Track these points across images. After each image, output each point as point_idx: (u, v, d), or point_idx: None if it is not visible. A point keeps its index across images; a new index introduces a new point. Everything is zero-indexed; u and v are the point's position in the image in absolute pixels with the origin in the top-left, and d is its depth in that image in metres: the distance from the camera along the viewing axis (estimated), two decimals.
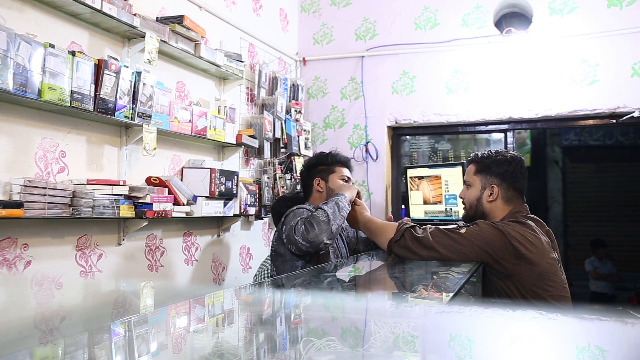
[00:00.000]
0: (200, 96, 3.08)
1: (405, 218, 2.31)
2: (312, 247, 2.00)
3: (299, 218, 2.09)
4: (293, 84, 3.93)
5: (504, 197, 2.10)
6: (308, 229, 2.00)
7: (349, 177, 2.48)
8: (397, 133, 4.19)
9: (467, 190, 2.18)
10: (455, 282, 1.55)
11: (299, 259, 2.15)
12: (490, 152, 2.15)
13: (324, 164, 2.45)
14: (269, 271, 2.45)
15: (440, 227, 2.01)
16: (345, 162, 2.50)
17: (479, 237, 1.91)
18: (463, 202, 2.21)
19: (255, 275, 2.92)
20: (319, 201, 2.36)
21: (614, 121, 3.60)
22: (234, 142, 3.13)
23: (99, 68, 2.18)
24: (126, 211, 2.31)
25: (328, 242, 2.02)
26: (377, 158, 4.04)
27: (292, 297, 0.94)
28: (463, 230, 1.95)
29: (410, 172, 3.74)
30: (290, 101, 3.84)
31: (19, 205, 1.87)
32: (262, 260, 3.71)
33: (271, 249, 2.31)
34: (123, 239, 2.48)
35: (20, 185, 1.92)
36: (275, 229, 2.40)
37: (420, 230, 2.00)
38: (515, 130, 3.89)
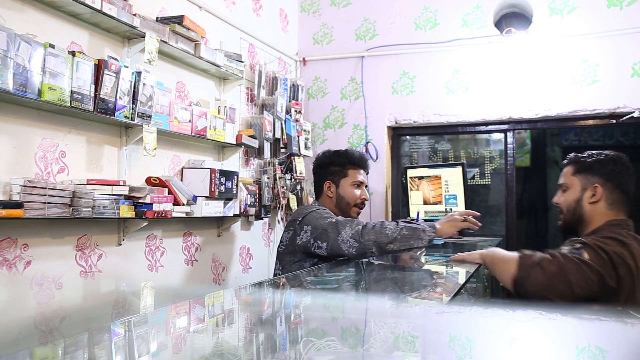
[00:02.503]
0: (200, 96, 3.08)
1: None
2: (357, 254, 1.91)
3: (347, 223, 1.97)
4: (293, 84, 3.93)
5: (608, 200, 1.84)
6: (362, 233, 1.90)
7: (361, 182, 2.38)
8: (397, 133, 4.19)
9: (562, 194, 1.95)
10: (455, 282, 1.55)
11: (309, 260, 2.11)
12: (591, 152, 1.93)
13: (337, 165, 2.34)
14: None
15: (565, 252, 1.71)
16: (360, 163, 2.38)
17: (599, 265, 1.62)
18: (559, 209, 1.98)
19: None
20: (329, 206, 2.32)
21: (614, 121, 3.60)
22: (234, 142, 3.13)
23: (99, 68, 2.18)
24: (126, 211, 2.31)
25: (373, 254, 1.93)
26: (377, 158, 4.04)
27: (292, 297, 0.94)
28: (586, 256, 1.66)
29: (410, 172, 3.74)
30: (290, 101, 3.84)
31: (19, 205, 1.87)
32: (262, 261, 3.71)
33: (281, 247, 2.25)
34: (123, 239, 2.48)
35: (20, 186, 1.92)
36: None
37: (548, 259, 1.68)
38: (515, 130, 3.89)
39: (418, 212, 3.44)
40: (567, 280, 1.59)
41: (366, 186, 2.50)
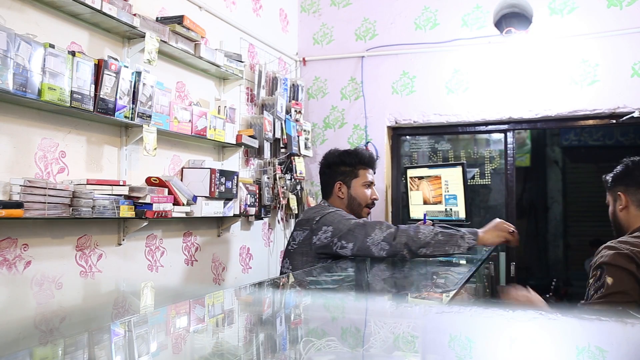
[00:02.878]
0: (200, 96, 3.08)
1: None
2: (387, 256, 1.93)
3: (376, 225, 1.97)
4: (293, 84, 3.93)
5: (635, 203, 1.93)
6: (395, 235, 1.91)
7: (372, 181, 2.36)
8: (397, 133, 4.19)
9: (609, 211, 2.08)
10: (455, 282, 1.55)
11: (322, 260, 2.10)
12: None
13: (347, 165, 2.31)
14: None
15: (596, 300, 1.72)
16: (370, 162, 2.36)
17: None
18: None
19: None
20: (339, 206, 2.30)
21: (614, 121, 3.60)
22: (234, 142, 3.13)
23: (99, 68, 2.18)
24: (126, 211, 2.31)
25: (405, 256, 1.93)
26: (377, 158, 4.04)
27: (292, 297, 0.94)
28: (609, 280, 1.71)
29: (410, 172, 3.74)
30: (290, 101, 3.84)
31: (19, 205, 1.87)
32: (262, 261, 3.71)
33: (292, 246, 2.22)
34: (123, 239, 2.48)
35: (20, 186, 1.92)
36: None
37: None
38: (515, 130, 3.89)
39: (425, 214, 3.43)
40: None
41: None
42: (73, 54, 2.07)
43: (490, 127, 3.93)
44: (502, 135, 3.95)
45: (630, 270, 1.69)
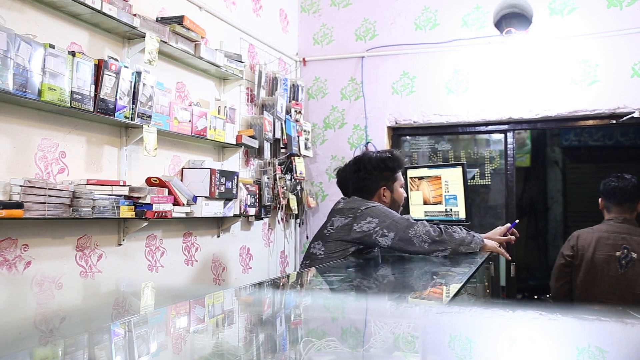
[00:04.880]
0: (200, 96, 3.08)
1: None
2: (427, 250, 2.10)
3: (416, 223, 2.15)
4: (293, 85, 3.93)
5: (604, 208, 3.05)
6: (441, 231, 2.10)
7: (403, 183, 2.49)
8: (397, 133, 4.18)
9: None
10: (455, 282, 1.55)
11: (354, 247, 2.23)
12: None
13: (390, 170, 2.39)
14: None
15: None
16: (403, 165, 2.47)
17: None
18: None
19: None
20: None
21: (614, 122, 3.60)
22: (234, 143, 3.13)
23: (99, 68, 2.18)
24: (126, 211, 2.31)
25: (440, 254, 2.13)
26: None
27: (292, 297, 0.94)
28: None
29: (410, 173, 3.74)
30: (290, 101, 3.84)
31: (19, 205, 1.87)
32: (262, 261, 3.71)
33: (329, 230, 2.27)
34: (123, 240, 2.48)
35: (20, 186, 1.92)
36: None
37: None
38: (515, 130, 3.89)
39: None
40: None
41: None
42: (73, 54, 2.07)
43: (490, 127, 3.93)
44: (502, 135, 3.95)
45: None
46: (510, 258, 2.40)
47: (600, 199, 3.10)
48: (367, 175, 2.38)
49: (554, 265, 3.15)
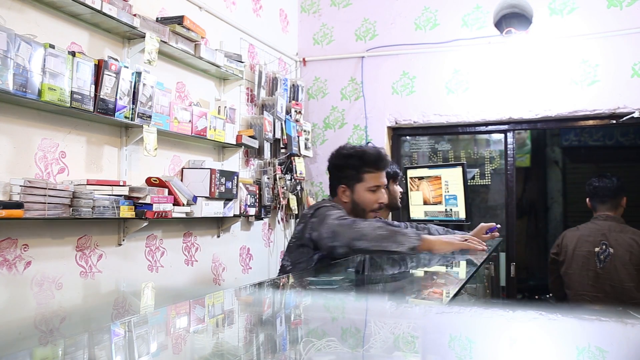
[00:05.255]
0: (200, 96, 3.08)
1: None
2: (332, 246, 1.85)
3: (335, 216, 1.89)
4: (293, 85, 3.93)
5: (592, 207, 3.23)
6: (341, 224, 1.82)
7: (379, 185, 2.13)
8: (397, 133, 4.19)
9: None
10: (455, 282, 1.55)
11: (317, 253, 2.03)
12: None
13: (352, 168, 2.11)
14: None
15: None
16: (378, 164, 2.12)
17: None
18: None
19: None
20: (347, 209, 2.13)
21: (614, 122, 3.60)
22: (234, 143, 3.13)
23: (99, 68, 2.18)
24: (126, 212, 2.31)
25: (340, 253, 1.85)
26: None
27: (292, 297, 0.94)
28: None
29: (411, 173, 3.74)
30: (290, 102, 3.84)
31: (19, 205, 1.87)
32: (262, 261, 3.71)
33: (292, 240, 2.14)
34: (123, 240, 2.48)
35: (21, 186, 1.92)
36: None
37: None
38: (515, 130, 3.89)
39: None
40: None
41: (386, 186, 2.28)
42: (73, 54, 2.07)
43: (490, 128, 3.93)
44: (502, 135, 3.95)
45: None
46: (484, 249, 2.00)
47: (587, 199, 3.26)
48: (332, 170, 2.19)
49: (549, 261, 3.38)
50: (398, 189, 2.76)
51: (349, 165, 2.12)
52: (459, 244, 1.87)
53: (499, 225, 2.61)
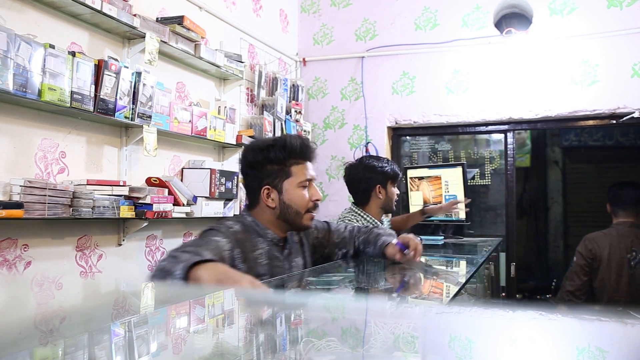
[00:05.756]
0: (200, 97, 3.08)
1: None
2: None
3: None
4: (293, 85, 3.93)
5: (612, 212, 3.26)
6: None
7: (310, 178, 1.70)
8: (397, 133, 4.19)
9: None
10: (455, 282, 1.55)
11: None
12: None
13: (275, 162, 1.63)
14: None
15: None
16: (304, 153, 1.68)
17: None
18: None
19: None
20: (269, 218, 1.65)
21: (614, 122, 3.60)
22: (234, 143, 3.13)
23: (99, 68, 2.18)
24: (126, 212, 2.31)
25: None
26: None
27: (291, 297, 0.94)
28: None
29: (411, 173, 3.74)
30: (290, 102, 3.84)
31: (19, 205, 1.87)
32: None
33: None
34: (123, 240, 2.48)
35: (21, 186, 1.92)
36: None
37: None
38: (515, 130, 3.89)
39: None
40: None
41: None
42: (73, 54, 2.07)
43: (490, 128, 3.93)
44: (502, 135, 3.95)
45: None
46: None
47: (608, 204, 3.30)
48: (248, 172, 1.68)
49: (574, 265, 3.26)
50: (395, 190, 2.62)
51: (270, 159, 1.64)
52: (236, 284, 1.20)
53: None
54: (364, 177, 2.53)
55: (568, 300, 3.25)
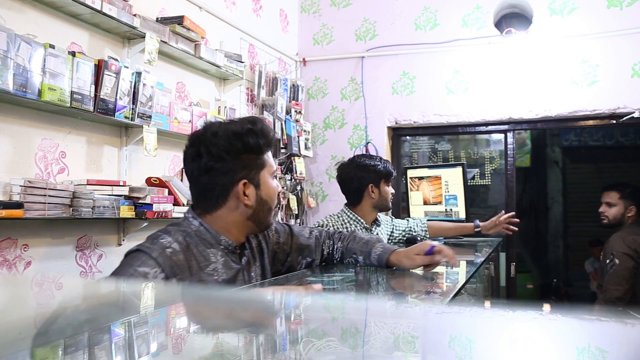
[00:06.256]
0: (200, 97, 3.08)
1: None
2: None
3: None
4: (293, 85, 3.93)
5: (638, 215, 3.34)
6: None
7: (277, 168, 1.51)
8: (397, 133, 4.19)
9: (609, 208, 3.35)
10: (455, 282, 1.55)
11: None
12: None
13: (253, 150, 1.36)
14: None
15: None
16: (273, 138, 1.43)
17: None
18: (605, 217, 3.36)
19: None
20: (237, 219, 1.38)
21: (614, 122, 3.60)
22: None
23: (99, 68, 2.18)
24: (126, 212, 2.31)
25: None
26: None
27: (291, 297, 0.94)
28: (617, 261, 3.07)
29: (411, 173, 3.74)
30: (290, 102, 3.84)
31: (19, 205, 1.87)
32: None
33: None
34: (123, 240, 2.48)
35: (21, 186, 1.92)
36: None
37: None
38: (515, 130, 3.89)
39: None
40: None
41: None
42: (73, 54, 2.07)
43: (490, 128, 3.94)
44: (502, 135, 3.95)
45: None
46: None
47: (633, 207, 3.34)
48: (214, 165, 1.33)
49: (620, 268, 3.12)
50: (390, 189, 2.59)
51: (250, 146, 1.35)
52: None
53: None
54: (355, 177, 2.49)
55: (613, 306, 3.08)
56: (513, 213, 2.99)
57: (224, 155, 1.32)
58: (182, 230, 1.34)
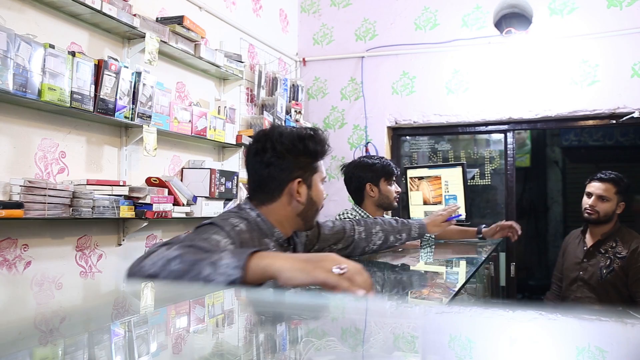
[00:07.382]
0: (200, 96, 3.08)
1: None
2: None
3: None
4: (293, 85, 3.93)
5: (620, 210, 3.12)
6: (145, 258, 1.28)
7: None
8: (397, 133, 4.19)
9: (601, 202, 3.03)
10: (455, 282, 1.55)
11: None
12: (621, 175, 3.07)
13: (310, 154, 1.49)
14: None
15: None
16: (327, 150, 1.56)
17: None
18: (594, 211, 3.04)
19: None
20: (286, 215, 1.50)
21: (614, 122, 3.60)
22: (234, 143, 3.13)
23: (99, 68, 2.18)
24: (126, 212, 2.31)
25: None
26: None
27: (290, 297, 0.94)
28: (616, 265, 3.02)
29: (410, 173, 3.74)
30: (290, 101, 3.84)
31: (19, 205, 1.87)
32: None
33: None
34: (123, 240, 2.48)
35: (20, 186, 1.92)
36: None
37: None
38: (515, 130, 3.89)
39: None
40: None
41: None
42: (73, 54, 2.07)
43: (490, 128, 3.94)
44: (502, 135, 3.95)
45: None
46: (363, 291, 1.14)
47: (623, 203, 3.13)
48: (275, 161, 1.45)
49: None
50: (393, 188, 2.57)
51: (309, 149, 1.48)
52: (316, 278, 1.02)
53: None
54: (354, 176, 2.53)
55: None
56: (514, 223, 2.79)
57: (286, 154, 1.45)
58: (243, 218, 1.45)
